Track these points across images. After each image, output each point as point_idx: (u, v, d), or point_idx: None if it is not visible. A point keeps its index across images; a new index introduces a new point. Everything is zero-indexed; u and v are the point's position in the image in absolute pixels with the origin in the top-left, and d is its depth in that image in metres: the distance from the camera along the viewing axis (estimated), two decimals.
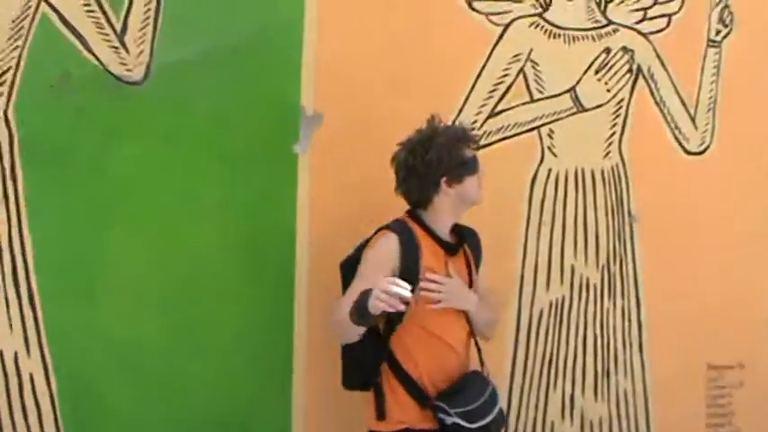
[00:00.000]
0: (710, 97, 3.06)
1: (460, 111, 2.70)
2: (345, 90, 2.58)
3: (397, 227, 2.33)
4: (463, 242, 2.40)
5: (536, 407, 2.85)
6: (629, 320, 2.95)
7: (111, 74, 2.37)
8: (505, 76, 2.77)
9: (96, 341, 2.38)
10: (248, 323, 2.50)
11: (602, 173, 2.92)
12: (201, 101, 2.46)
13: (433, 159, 2.32)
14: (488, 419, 2.20)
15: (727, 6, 3.07)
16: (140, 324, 2.42)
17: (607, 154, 2.92)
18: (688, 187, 3.03)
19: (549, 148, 2.85)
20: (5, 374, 2.31)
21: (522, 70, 2.79)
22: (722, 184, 3.07)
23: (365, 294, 2.06)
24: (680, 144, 3.02)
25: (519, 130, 2.80)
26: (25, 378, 2.33)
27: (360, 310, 2.08)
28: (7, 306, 2.31)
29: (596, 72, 2.89)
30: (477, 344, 2.40)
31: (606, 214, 2.92)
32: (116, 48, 2.38)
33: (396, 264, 2.27)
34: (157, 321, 2.44)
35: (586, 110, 2.88)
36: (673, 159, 3.01)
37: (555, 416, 2.88)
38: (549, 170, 2.86)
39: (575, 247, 2.88)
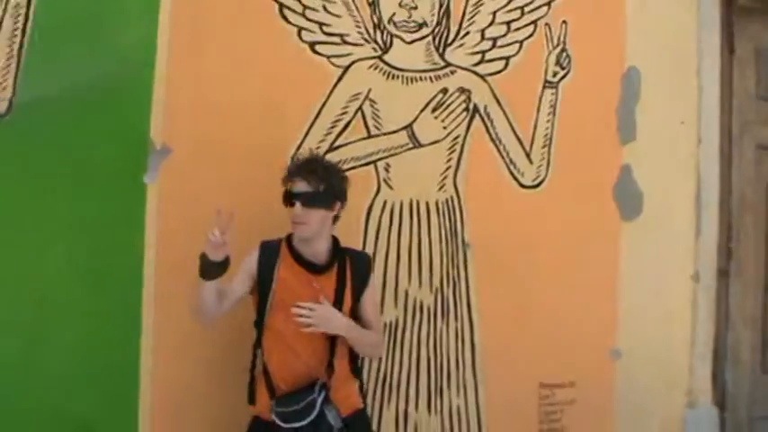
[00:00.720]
0: (546, 134, 4.10)
1: (300, 145, 3.69)
2: (193, 126, 3.58)
3: (266, 242, 3.34)
4: (336, 264, 3.32)
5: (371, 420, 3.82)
6: (462, 341, 3.98)
7: None
8: (344, 113, 3.79)
9: None
10: (97, 336, 3.47)
11: (437, 204, 3.95)
12: (59, 134, 3.46)
13: None
14: (297, 425, 3.14)
15: (564, 50, 4.10)
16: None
17: (442, 187, 3.96)
18: (523, 218, 4.10)
19: (385, 180, 3.87)
20: None
21: (360, 108, 3.80)
22: (556, 215, 4.14)
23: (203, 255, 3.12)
24: (515, 178, 4.04)
25: (356, 163, 3.82)
26: None
27: (202, 264, 3.10)
28: None
29: (433, 110, 3.91)
30: (330, 357, 3.28)
31: (440, 242, 3.96)
32: None
33: (254, 271, 3.28)
34: (16, 334, 3.41)
35: (422, 146, 3.90)
36: (507, 192, 4.08)
37: (390, 429, 3.87)
38: (385, 201, 3.89)
39: (409, 273, 3.91)
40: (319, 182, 3.26)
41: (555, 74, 4.17)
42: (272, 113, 3.69)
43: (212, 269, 3.14)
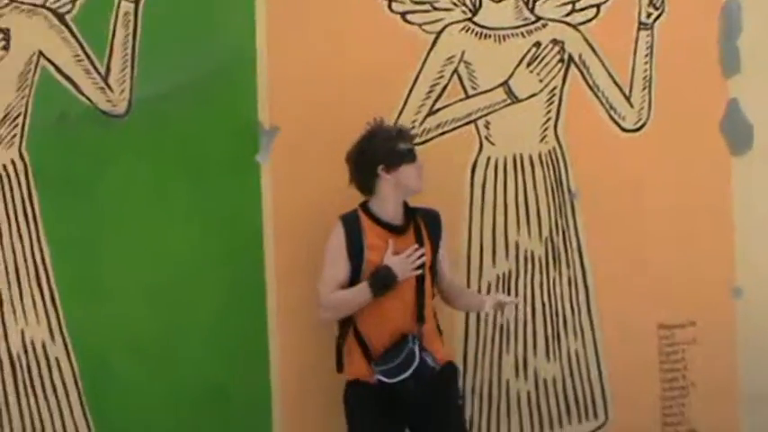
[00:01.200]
0: (645, 77, 4.11)
1: (401, 112, 3.85)
2: (297, 105, 3.80)
3: (345, 216, 3.57)
4: (411, 223, 3.54)
5: (491, 367, 4.04)
6: (576, 287, 4.07)
7: (100, 110, 3.64)
8: (440, 77, 3.92)
9: (105, 328, 3.71)
10: (226, 308, 3.77)
11: (540, 156, 4.04)
12: (175, 126, 3.73)
13: (370, 151, 3.52)
14: (403, 376, 3.35)
15: None
16: (138, 313, 3.74)
17: (543, 138, 4.04)
18: (628, 162, 4.14)
19: (486, 137, 3.98)
20: (36, 359, 3.64)
21: (456, 71, 3.92)
22: (663, 156, 4.15)
23: (383, 270, 3.37)
24: (616, 123, 4.06)
25: (456, 124, 3.95)
26: (52, 361, 3.67)
27: (387, 283, 3.36)
28: (33, 305, 3.65)
29: (528, 65, 3.97)
30: (419, 308, 3.48)
31: (546, 193, 4.06)
32: (102, 89, 3.65)
33: (344, 246, 3.48)
34: (151, 310, 3.75)
35: (520, 100, 3.97)
36: (610, 137, 4.12)
37: (509, 375, 4.05)
38: (488, 158, 4.00)
39: (517, 225, 4.04)
40: None
41: (649, 15, 4.13)
42: (371, 85, 3.85)
43: (391, 288, 3.40)
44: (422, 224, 3.58)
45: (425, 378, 3.41)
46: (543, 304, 4.07)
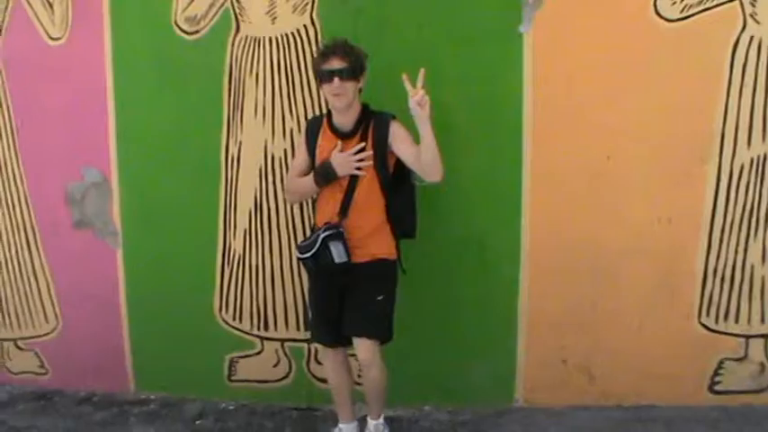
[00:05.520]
0: None
1: None
2: None
3: (312, 118, 4.07)
4: (361, 129, 3.78)
5: (736, 250, 3.97)
6: None
7: None
8: None
9: None
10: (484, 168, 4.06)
11: None
12: None
13: None
14: (304, 256, 3.76)
15: None
16: None
17: None
18: None
19: (751, 15, 3.86)
20: None
21: None
22: None
23: (325, 164, 3.74)
24: None
25: (719, 0, 3.79)
26: None
27: (326, 175, 3.74)
28: None
29: None
30: (344, 203, 3.74)
31: None
32: None
33: (304, 142, 3.93)
34: None
35: None
36: None
37: (755, 260, 3.95)
38: (752, 37, 3.88)
39: None
40: (351, 58, 3.73)
41: None
42: None
43: (331, 180, 3.74)
44: (371, 128, 3.79)
45: (330, 266, 3.70)
46: None
